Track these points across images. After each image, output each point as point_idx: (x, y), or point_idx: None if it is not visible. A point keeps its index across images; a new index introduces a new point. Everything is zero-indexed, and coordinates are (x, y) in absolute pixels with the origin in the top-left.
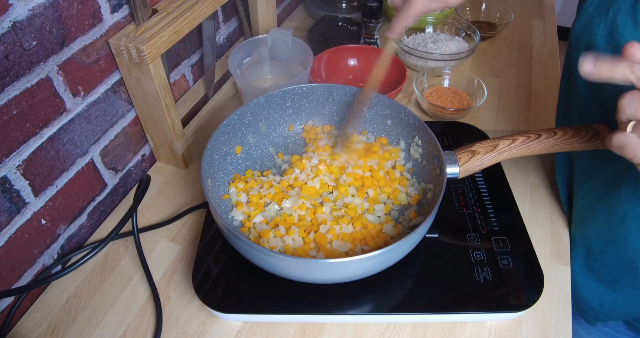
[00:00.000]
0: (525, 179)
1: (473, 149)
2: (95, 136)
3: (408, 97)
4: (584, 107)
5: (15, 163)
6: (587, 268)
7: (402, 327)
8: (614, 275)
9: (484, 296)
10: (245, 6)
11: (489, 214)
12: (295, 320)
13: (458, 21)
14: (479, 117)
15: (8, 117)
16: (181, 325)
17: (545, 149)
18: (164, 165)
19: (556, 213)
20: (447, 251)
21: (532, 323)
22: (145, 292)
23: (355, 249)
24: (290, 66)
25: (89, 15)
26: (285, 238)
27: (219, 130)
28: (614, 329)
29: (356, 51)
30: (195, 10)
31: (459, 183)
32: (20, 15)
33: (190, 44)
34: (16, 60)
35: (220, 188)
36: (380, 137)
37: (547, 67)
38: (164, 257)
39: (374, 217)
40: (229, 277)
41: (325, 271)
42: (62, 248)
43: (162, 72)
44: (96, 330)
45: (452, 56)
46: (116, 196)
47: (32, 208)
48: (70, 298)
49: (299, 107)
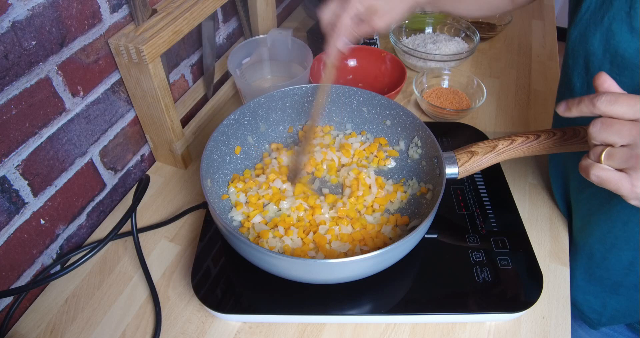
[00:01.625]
0: (525, 180)
1: (472, 150)
2: (95, 136)
3: (407, 97)
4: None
5: (14, 163)
6: (589, 275)
7: (401, 328)
8: (617, 278)
9: (483, 296)
10: (245, 6)
11: (488, 214)
12: (294, 320)
13: (458, 22)
14: (478, 118)
15: (7, 117)
16: (180, 325)
17: (544, 150)
18: (164, 165)
19: (555, 213)
20: (446, 252)
21: (531, 324)
22: (144, 292)
23: (354, 249)
24: (290, 66)
25: (89, 15)
26: (284, 238)
27: (219, 130)
28: (614, 330)
29: (355, 51)
30: (194, 10)
31: (459, 184)
32: (19, 15)
33: (190, 44)
34: (15, 60)
35: (219, 188)
36: (380, 137)
37: (546, 68)
38: (163, 257)
39: (373, 218)
40: (228, 277)
41: (324, 272)
42: (61, 248)
43: (161, 72)
44: (95, 330)
45: (451, 56)
46: (115, 196)
47: (31, 208)
48: (69, 298)
49: (298, 107)
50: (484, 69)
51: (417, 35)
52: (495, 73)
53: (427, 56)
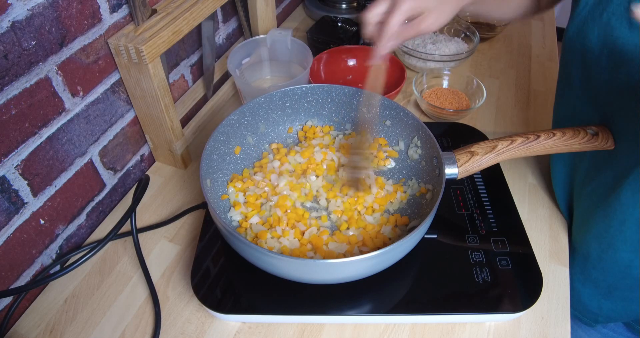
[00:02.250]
0: (524, 180)
1: (472, 150)
2: (94, 136)
3: (407, 98)
4: (580, 109)
5: (14, 163)
6: (585, 276)
7: (400, 328)
8: (611, 281)
9: (483, 297)
10: (244, 6)
11: (488, 215)
12: (294, 320)
13: (457, 22)
14: (478, 118)
15: (7, 117)
16: (180, 325)
17: (544, 150)
18: (163, 165)
19: (555, 214)
20: (446, 252)
21: (530, 324)
22: (143, 292)
23: (352, 251)
24: (290, 66)
25: (88, 15)
26: (282, 239)
27: (218, 130)
28: (613, 330)
29: (355, 51)
30: (194, 10)
31: (458, 184)
32: (19, 15)
33: (190, 44)
34: (15, 60)
35: (219, 188)
36: (379, 138)
37: (546, 68)
38: (163, 257)
39: (373, 218)
40: (228, 277)
41: (324, 272)
42: (61, 248)
43: (161, 73)
44: (94, 330)
45: (451, 57)
46: (115, 196)
47: (30, 208)
48: (68, 298)
49: (298, 107)
50: (483, 69)
51: None
52: (495, 73)
53: (426, 56)
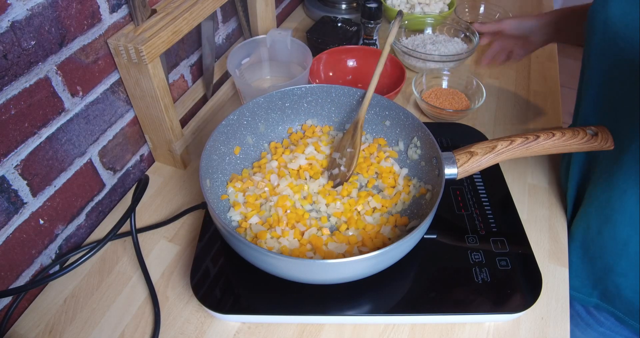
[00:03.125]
0: (524, 180)
1: (471, 150)
2: (94, 136)
3: (407, 98)
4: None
5: (13, 163)
6: (584, 251)
7: (400, 328)
8: (609, 259)
9: (482, 297)
10: (244, 7)
11: (488, 215)
12: (293, 320)
13: (457, 22)
14: (478, 119)
15: (6, 117)
16: (179, 325)
17: (543, 151)
18: (163, 165)
19: (554, 214)
20: (445, 253)
21: (530, 325)
22: (143, 293)
23: (351, 251)
24: (290, 66)
25: (88, 15)
26: (282, 239)
27: (218, 130)
28: (611, 329)
29: (355, 51)
30: (194, 10)
31: (458, 184)
32: (19, 14)
33: (189, 45)
34: (15, 60)
35: (218, 188)
36: (379, 138)
37: (545, 68)
38: (162, 257)
39: (372, 218)
40: (227, 278)
41: (324, 272)
42: (60, 248)
43: (160, 73)
44: (94, 331)
45: (451, 57)
46: (114, 197)
47: (30, 208)
48: (68, 298)
49: (297, 107)
50: (483, 69)
51: (416, 36)
52: (495, 74)
53: (426, 57)
